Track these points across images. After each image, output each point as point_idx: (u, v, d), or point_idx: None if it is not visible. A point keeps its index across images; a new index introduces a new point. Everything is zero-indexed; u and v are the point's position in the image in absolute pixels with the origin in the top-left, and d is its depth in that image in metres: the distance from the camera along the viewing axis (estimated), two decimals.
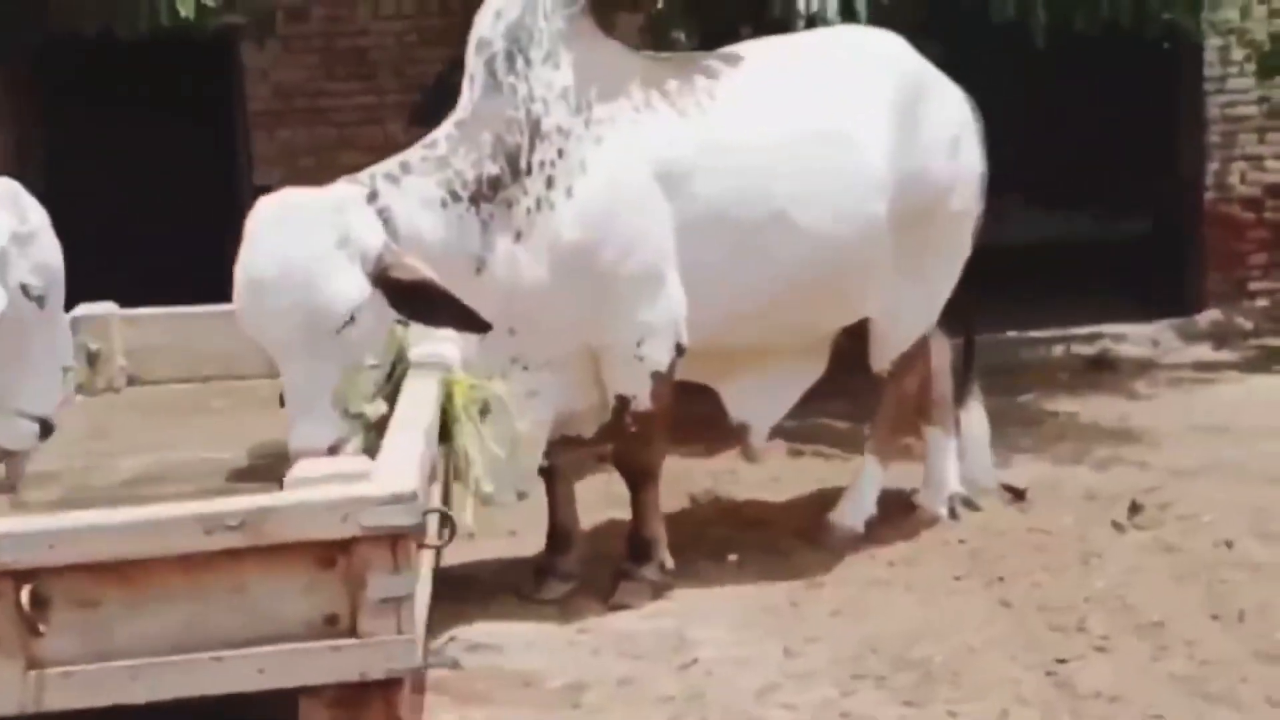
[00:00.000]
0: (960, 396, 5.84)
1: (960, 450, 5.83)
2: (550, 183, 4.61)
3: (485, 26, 4.73)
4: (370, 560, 2.83)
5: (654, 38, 7.45)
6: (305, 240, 4.04)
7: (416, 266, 4.17)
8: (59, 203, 9.65)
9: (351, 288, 4.05)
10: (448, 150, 4.52)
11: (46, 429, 3.90)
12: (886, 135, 5.08)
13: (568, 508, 5.13)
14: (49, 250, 3.87)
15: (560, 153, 4.63)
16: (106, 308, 5.41)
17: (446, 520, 3.20)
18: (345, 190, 4.26)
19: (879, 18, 7.00)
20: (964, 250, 5.47)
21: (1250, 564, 5.08)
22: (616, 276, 4.67)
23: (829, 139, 4.98)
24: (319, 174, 8.59)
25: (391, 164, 4.46)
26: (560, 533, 5.11)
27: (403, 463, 3.00)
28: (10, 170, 9.06)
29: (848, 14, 7.18)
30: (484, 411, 4.39)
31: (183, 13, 8.67)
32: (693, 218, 4.79)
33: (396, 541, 2.83)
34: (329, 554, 2.84)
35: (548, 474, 5.13)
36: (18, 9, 8.71)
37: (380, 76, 10.18)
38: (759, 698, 4.19)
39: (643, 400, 4.82)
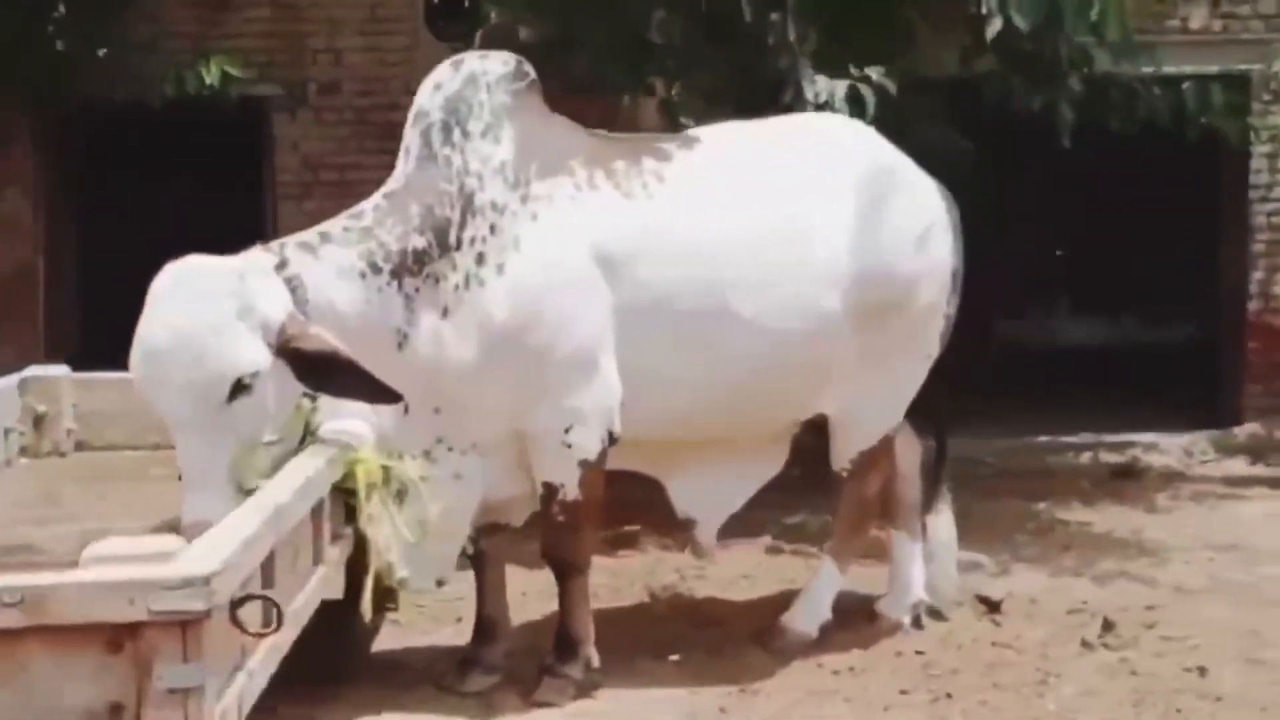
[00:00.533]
0: (929, 501, 5.60)
1: (926, 557, 5.58)
2: (481, 259, 4.48)
3: (424, 98, 4.65)
4: (158, 647, 2.69)
5: (670, 123, 7.35)
6: (201, 308, 3.94)
7: (322, 336, 4.06)
8: (88, 267, 9.70)
9: (247, 357, 3.95)
10: (373, 221, 4.41)
11: None
12: (846, 228, 4.90)
13: (496, 597, 4.95)
14: None
15: (493, 228, 4.50)
16: (58, 370, 5.35)
17: (273, 607, 3.03)
18: (253, 258, 4.16)
19: (889, 110, 6.89)
20: (931, 348, 5.27)
21: (1215, 694, 4.83)
22: (546, 359, 4.52)
23: (781, 230, 4.81)
24: None
25: (311, 233, 4.37)
26: (486, 623, 4.93)
27: (211, 546, 2.84)
28: (39, 235, 9.13)
29: (855, 105, 7.07)
30: (400, 493, 4.25)
31: (207, 80, 8.74)
32: (632, 303, 4.63)
33: (187, 628, 2.67)
34: (117, 638, 2.68)
35: (476, 562, 4.97)
36: (49, 76, 8.80)
37: None
38: None
39: (570, 489, 4.64)
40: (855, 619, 5.53)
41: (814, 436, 5.36)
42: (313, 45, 9.97)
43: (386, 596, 5.21)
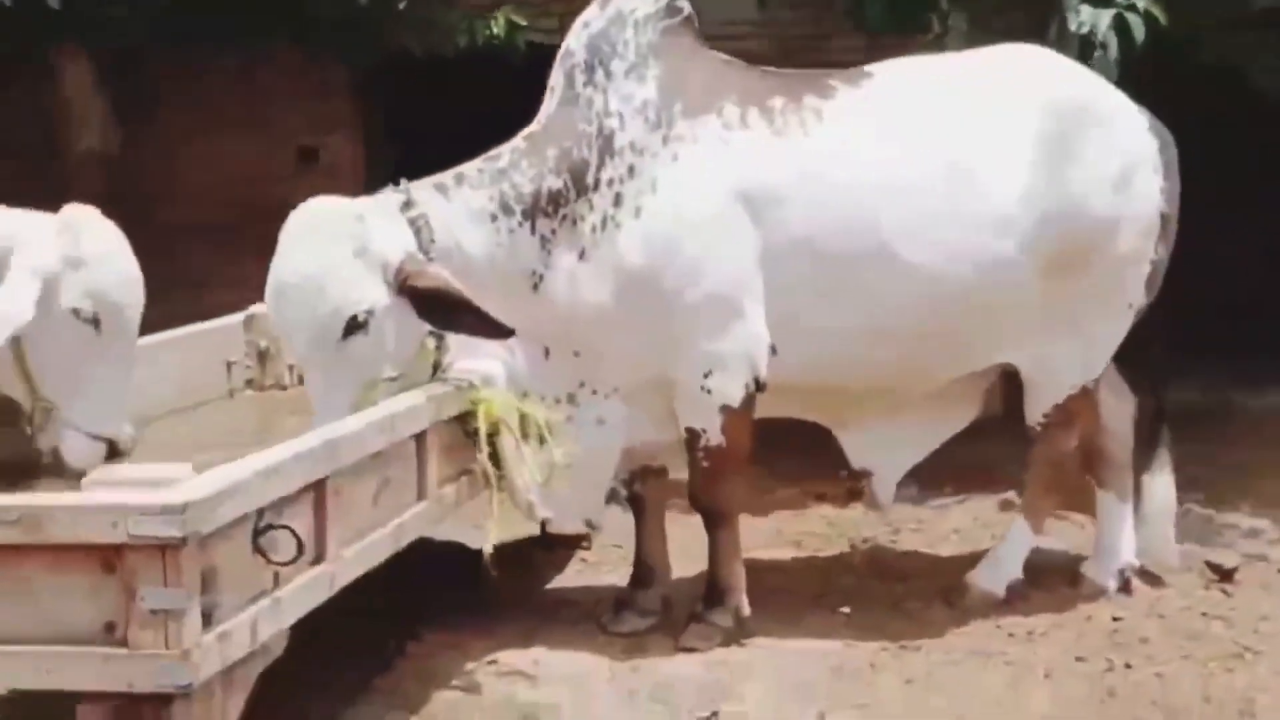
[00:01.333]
0: (1145, 459, 5.26)
1: (1141, 520, 5.26)
2: (618, 201, 4.44)
3: (571, 37, 4.61)
4: (139, 570, 2.79)
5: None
6: (319, 248, 4.05)
7: (440, 274, 4.11)
8: None
9: (362, 295, 4.04)
10: (509, 163, 4.43)
11: (114, 450, 4.03)
12: (1025, 169, 4.62)
13: (654, 542, 4.92)
14: (108, 277, 4.00)
15: (632, 170, 4.45)
16: None
17: (295, 538, 3.10)
18: (381, 199, 4.24)
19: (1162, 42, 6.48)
20: (1134, 297, 4.92)
21: None
22: (681, 303, 4.43)
23: (946, 171, 4.56)
24: None
25: (449, 174, 4.42)
26: (643, 567, 4.91)
27: (210, 476, 2.93)
28: (359, 181, 9.52)
29: (1122, 35, 6.69)
30: (531, 433, 4.28)
31: (495, 31, 8.94)
32: (783, 247, 4.49)
33: (166, 553, 2.76)
34: (108, 560, 2.80)
35: (634, 506, 4.96)
36: (354, 27, 9.14)
37: None
38: None
39: (713, 435, 4.56)
40: (1059, 581, 5.23)
41: None
42: None
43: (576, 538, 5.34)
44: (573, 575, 5.48)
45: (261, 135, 9.55)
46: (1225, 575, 5.39)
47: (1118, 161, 4.76)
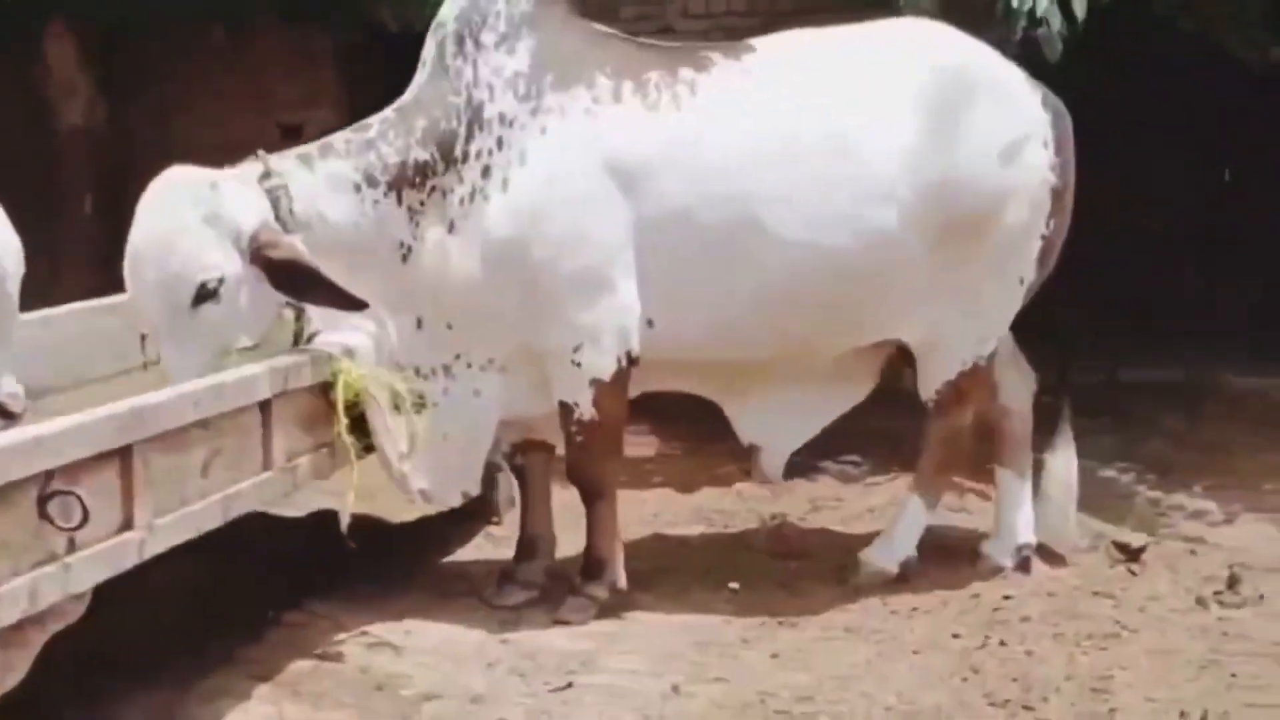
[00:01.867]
0: (1049, 437, 5.24)
1: (1044, 498, 5.23)
2: (486, 173, 4.45)
3: (444, 8, 4.62)
4: None
5: None
6: (169, 215, 4.11)
7: (293, 245, 4.15)
8: None
9: (214, 262, 4.07)
10: (376, 134, 4.45)
11: (5, 413, 4.02)
12: (908, 139, 4.59)
13: (538, 515, 4.94)
14: None
15: (500, 142, 4.46)
16: None
17: (80, 504, 3.15)
18: (240, 169, 4.27)
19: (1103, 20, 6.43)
20: (1025, 271, 4.88)
21: None
22: (549, 276, 4.44)
23: (821, 142, 4.54)
24: None
25: (315, 144, 4.45)
26: (527, 540, 4.93)
27: None
28: None
29: (1064, 12, 6.65)
30: (397, 406, 4.31)
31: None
32: (656, 220, 4.49)
33: None
34: None
35: (519, 479, 4.98)
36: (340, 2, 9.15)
37: None
38: None
39: (585, 409, 4.57)
40: (959, 559, 5.22)
41: None
42: None
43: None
44: (474, 549, 5.49)
45: (248, 110, 9.60)
46: (1132, 555, 5.36)
47: (1006, 134, 4.72)
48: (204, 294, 4.09)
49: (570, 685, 4.23)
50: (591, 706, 4.10)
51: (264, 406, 3.97)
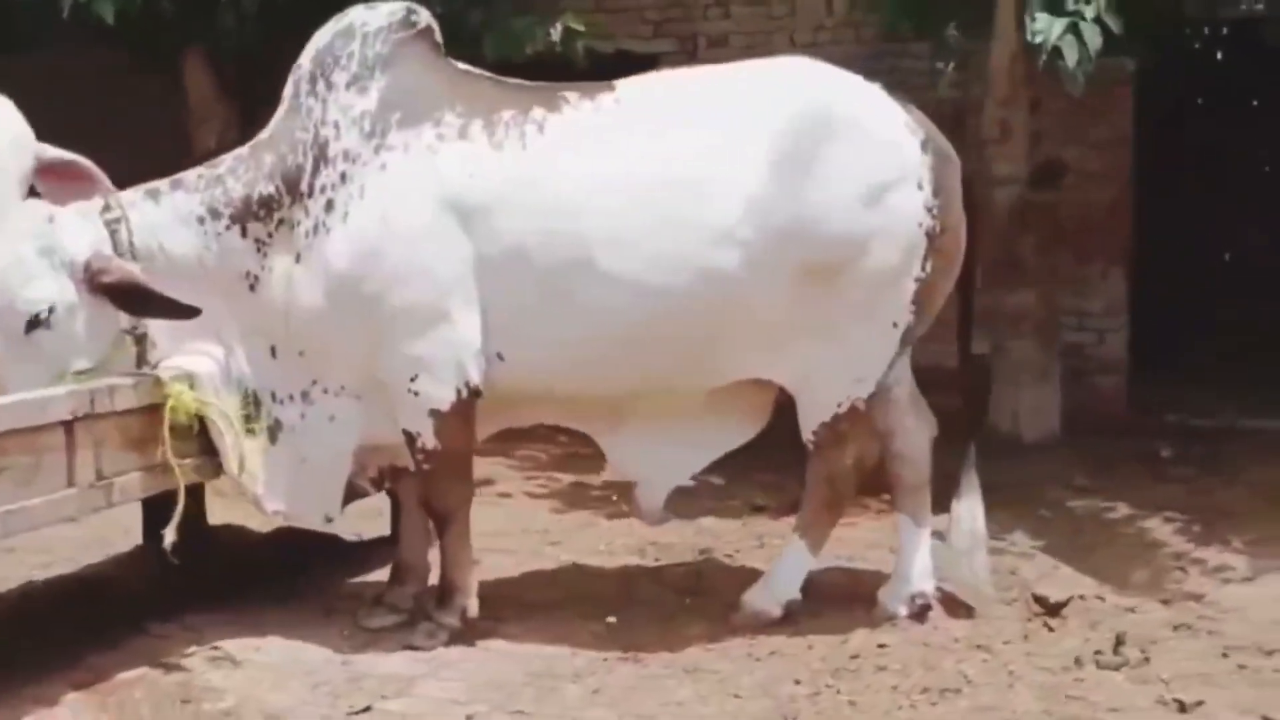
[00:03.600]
0: (957, 483, 5.13)
1: (952, 547, 5.12)
2: (329, 206, 4.62)
3: (305, 51, 4.80)
4: None
5: None
6: (8, 246, 4.39)
7: (123, 266, 4.40)
8: None
9: (40, 293, 4.34)
10: (226, 169, 4.67)
11: None
12: (755, 182, 4.56)
13: (412, 539, 5.05)
14: None
15: (344, 177, 4.61)
16: None
17: None
18: (85, 203, 4.53)
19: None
20: (897, 316, 4.78)
21: None
22: (383, 308, 4.57)
23: (661, 183, 4.55)
24: None
25: (168, 180, 4.68)
26: (400, 565, 5.06)
27: None
28: None
29: (1078, 42, 6.57)
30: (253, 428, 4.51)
31: (554, 38, 9.16)
32: (496, 256, 4.58)
33: None
34: None
35: (393, 503, 5.11)
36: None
37: None
38: None
39: (427, 438, 4.68)
40: (855, 604, 5.15)
41: None
42: (704, 0, 10.14)
43: None
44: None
45: None
46: (1051, 609, 5.19)
47: (868, 176, 4.65)
48: (34, 322, 4.36)
49: (368, 709, 4.32)
50: None
51: (67, 425, 4.16)
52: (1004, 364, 8.79)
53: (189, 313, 4.42)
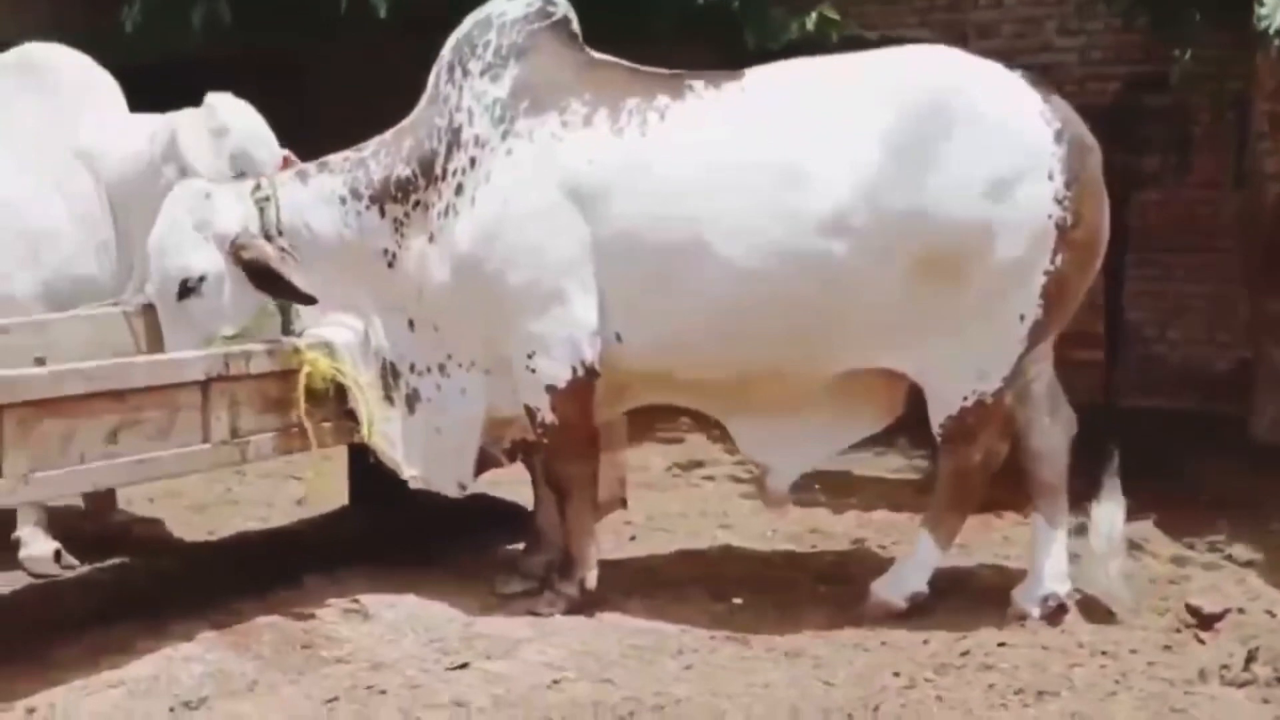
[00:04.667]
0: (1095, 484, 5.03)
1: (1085, 550, 5.03)
2: (460, 190, 4.85)
3: (448, 41, 5.04)
4: None
5: None
6: (169, 220, 4.81)
7: (262, 248, 4.75)
8: None
9: (195, 262, 4.74)
10: (370, 153, 4.97)
11: None
12: (866, 171, 4.58)
13: (545, 510, 5.24)
14: None
15: (473, 162, 4.84)
16: None
17: None
18: (237, 183, 4.89)
19: None
20: (1025, 310, 4.70)
21: None
22: (502, 287, 4.78)
23: (771, 171, 4.61)
24: None
25: (317, 161, 5.01)
26: (535, 533, 5.26)
27: None
28: None
29: None
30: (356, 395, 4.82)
31: (808, 28, 9.25)
32: (611, 238, 4.74)
33: None
34: None
35: (531, 474, 5.32)
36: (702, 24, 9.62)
37: (1061, 94, 9.89)
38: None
39: (545, 413, 4.86)
40: (989, 603, 5.10)
41: None
42: None
43: None
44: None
45: None
46: (1204, 621, 5.00)
47: (991, 166, 4.59)
48: (185, 290, 4.75)
49: (465, 665, 4.54)
50: (461, 684, 4.40)
51: (203, 385, 4.52)
52: (1266, 371, 8.42)
53: (308, 299, 4.77)
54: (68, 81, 5.66)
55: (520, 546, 5.48)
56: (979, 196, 4.57)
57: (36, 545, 5.58)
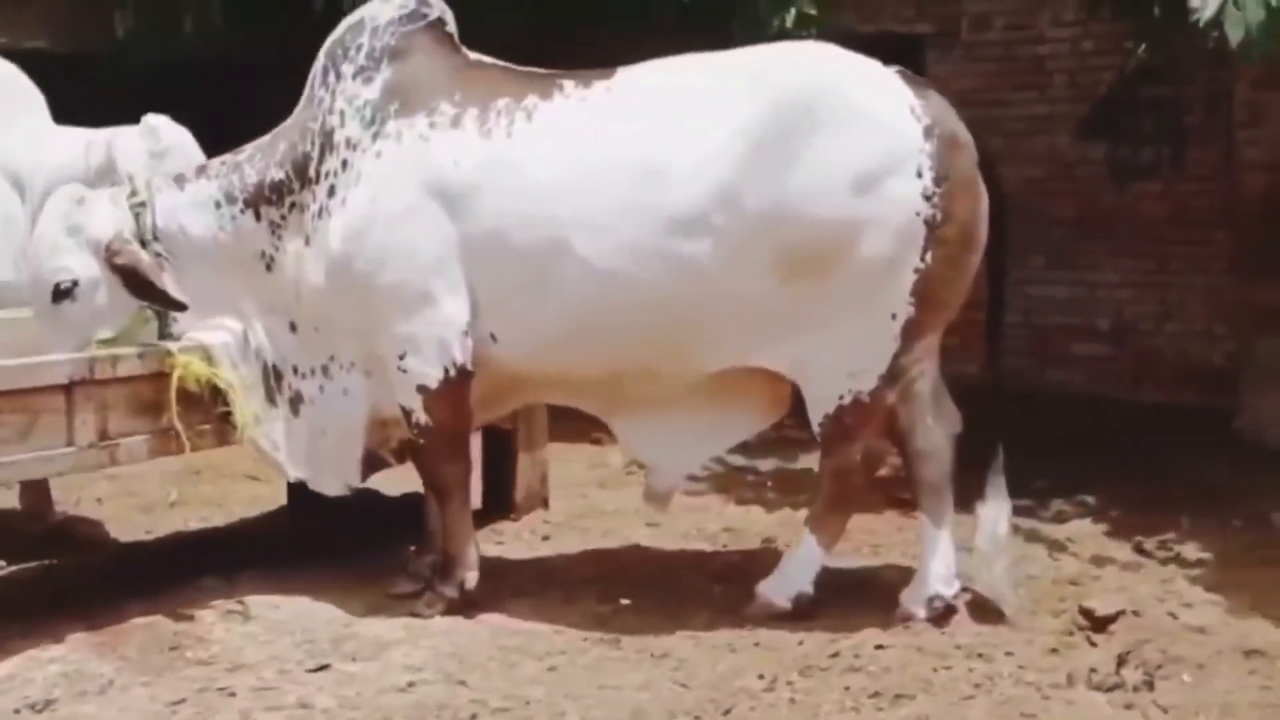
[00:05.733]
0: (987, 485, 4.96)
1: (974, 550, 4.96)
2: (332, 191, 4.87)
3: (323, 45, 5.06)
4: None
5: None
6: (43, 224, 4.87)
7: (132, 253, 4.79)
8: None
9: (67, 266, 4.79)
10: (246, 157, 4.99)
11: None
12: (726, 169, 4.54)
13: (433, 510, 5.25)
14: None
15: (344, 164, 4.85)
16: None
17: None
18: (113, 189, 4.94)
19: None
20: (895, 307, 4.64)
21: None
22: (371, 288, 4.78)
23: (631, 170, 4.58)
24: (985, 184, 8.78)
25: (194, 167, 5.04)
26: (427, 535, 5.27)
27: None
28: None
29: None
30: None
31: (788, 23, 9.19)
32: (479, 239, 4.73)
33: None
34: None
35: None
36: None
37: (1054, 86, 9.81)
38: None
39: (418, 414, 4.86)
40: (874, 602, 5.05)
41: None
42: None
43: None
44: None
45: None
46: (1098, 624, 4.92)
47: (855, 163, 4.53)
48: (59, 293, 4.80)
49: (325, 668, 4.55)
50: (312, 686, 4.41)
51: (66, 388, 4.56)
52: (1250, 364, 8.26)
53: (179, 305, 4.82)
54: None
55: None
56: (843, 192, 4.52)
57: None
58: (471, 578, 4.97)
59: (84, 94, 8.68)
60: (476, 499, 6.03)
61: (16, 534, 6.13)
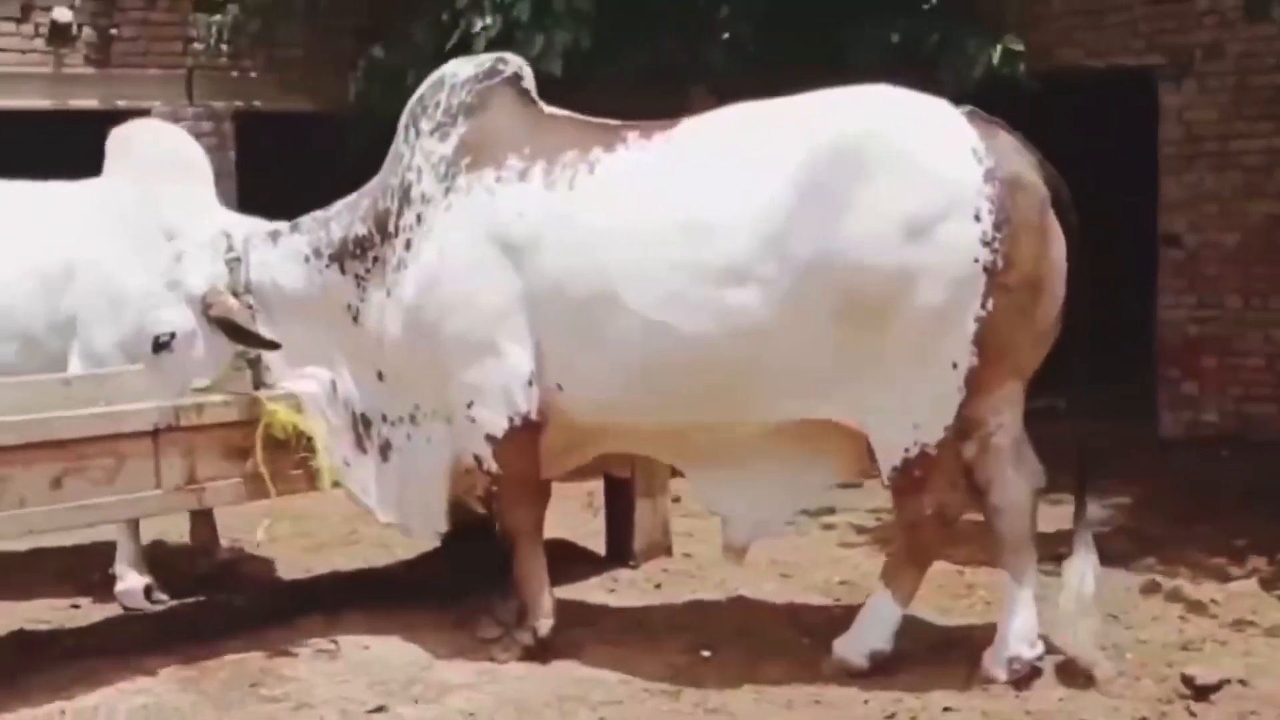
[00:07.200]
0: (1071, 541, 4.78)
1: (1062, 610, 4.78)
2: (409, 245, 5.00)
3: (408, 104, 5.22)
4: None
5: None
6: (146, 281, 5.15)
7: (228, 304, 5.04)
8: None
9: (168, 320, 5.07)
10: (334, 214, 5.19)
11: None
12: (774, 218, 4.50)
13: None
14: None
15: (419, 218, 4.99)
16: None
17: None
18: (215, 240, 5.20)
19: None
20: (957, 356, 4.48)
21: None
22: (439, 337, 4.89)
23: (674, 222, 4.58)
24: (1223, 221, 8.50)
25: (290, 222, 5.26)
26: (509, 580, 5.33)
27: None
28: None
29: None
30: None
31: (995, 61, 9.03)
32: (541, 291, 4.79)
33: None
34: None
35: None
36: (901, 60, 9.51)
37: None
38: None
39: (487, 461, 4.94)
40: (957, 661, 4.90)
41: None
42: (1198, 9, 9.56)
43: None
44: (584, 589, 5.89)
45: None
46: (1199, 692, 4.67)
47: (907, 209, 4.41)
48: (159, 345, 5.08)
49: (381, 709, 4.66)
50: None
51: (153, 434, 4.82)
52: None
53: (271, 345, 5.03)
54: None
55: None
56: (894, 239, 4.40)
57: (128, 580, 5.98)
58: (545, 624, 4.99)
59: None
60: (600, 547, 6.13)
61: (184, 570, 6.41)
